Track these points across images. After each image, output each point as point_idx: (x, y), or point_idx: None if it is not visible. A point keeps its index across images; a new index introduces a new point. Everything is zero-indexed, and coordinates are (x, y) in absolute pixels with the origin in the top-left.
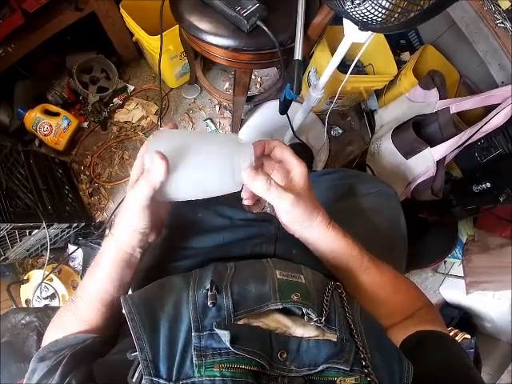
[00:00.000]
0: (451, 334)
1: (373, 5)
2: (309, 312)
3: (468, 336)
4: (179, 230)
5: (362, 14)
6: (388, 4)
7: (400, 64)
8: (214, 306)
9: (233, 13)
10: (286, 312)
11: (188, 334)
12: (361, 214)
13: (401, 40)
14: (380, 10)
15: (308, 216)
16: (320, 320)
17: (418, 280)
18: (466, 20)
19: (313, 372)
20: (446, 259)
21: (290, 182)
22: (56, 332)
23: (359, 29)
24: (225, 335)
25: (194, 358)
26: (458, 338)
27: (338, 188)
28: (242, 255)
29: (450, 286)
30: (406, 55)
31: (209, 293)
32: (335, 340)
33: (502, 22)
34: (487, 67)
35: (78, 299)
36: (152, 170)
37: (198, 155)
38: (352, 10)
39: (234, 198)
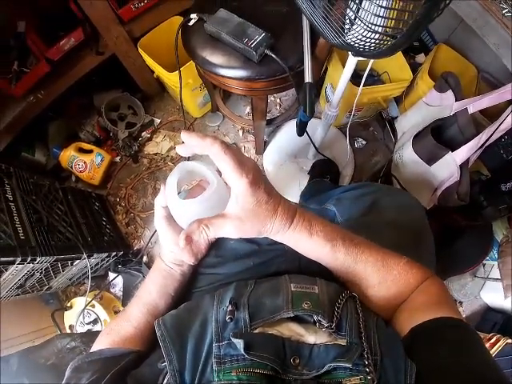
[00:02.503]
0: (493, 340)
1: (364, 27)
2: (319, 319)
3: (511, 341)
4: (213, 257)
5: (355, 40)
6: (379, 27)
7: (416, 67)
8: (231, 320)
9: (241, 45)
10: (299, 321)
11: (210, 346)
12: (384, 227)
13: (413, 42)
14: (371, 31)
15: (258, 232)
16: (331, 326)
17: (457, 286)
18: (473, 15)
19: (320, 372)
20: (484, 262)
21: (231, 204)
22: (104, 337)
23: (352, 55)
24: (239, 343)
25: (214, 365)
26: (501, 344)
27: (361, 203)
28: (268, 274)
29: (491, 290)
30: (420, 57)
31: (228, 309)
32: (344, 344)
33: (508, 12)
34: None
35: (129, 306)
36: (158, 194)
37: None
38: (345, 38)
39: None
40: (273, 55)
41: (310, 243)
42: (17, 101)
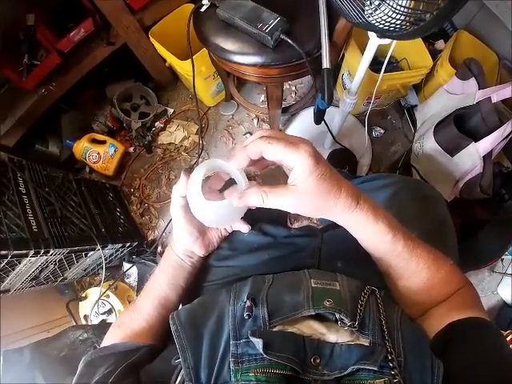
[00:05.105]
0: (509, 337)
1: (390, 7)
2: (342, 317)
3: None
4: (226, 250)
5: (380, 20)
6: (407, 2)
7: (435, 54)
8: (249, 317)
9: (255, 30)
10: (320, 318)
11: (227, 344)
12: (405, 222)
13: None
14: (398, 12)
15: (319, 210)
16: (353, 324)
17: (474, 281)
18: (494, 0)
19: (343, 374)
20: (503, 257)
21: (293, 177)
22: (116, 331)
23: (377, 36)
24: (258, 342)
25: (232, 364)
26: None
27: (381, 195)
28: (286, 269)
29: (509, 286)
30: (440, 43)
31: (246, 305)
32: (367, 344)
33: None
34: None
35: (139, 299)
36: (178, 183)
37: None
38: (369, 17)
39: (277, 217)
40: (289, 40)
41: (374, 228)
42: (28, 94)
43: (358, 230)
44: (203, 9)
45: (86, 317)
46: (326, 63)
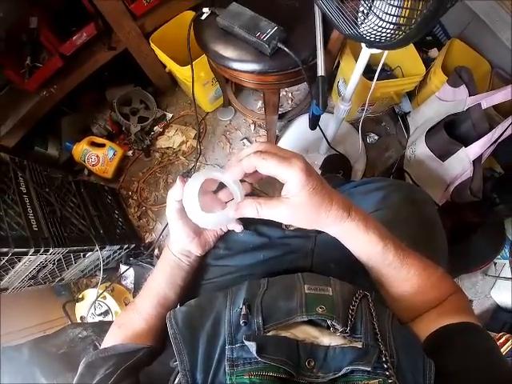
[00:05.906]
0: (502, 339)
1: (375, 22)
2: (333, 323)
3: None
4: (223, 249)
5: (367, 32)
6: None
7: (429, 62)
8: (245, 325)
9: (253, 39)
10: (313, 323)
11: (223, 348)
12: (396, 223)
13: (426, 37)
14: (382, 26)
15: (311, 221)
16: (345, 330)
17: (467, 284)
18: (485, 9)
19: (337, 375)
20: (495, 261)
21: (286, 190)
22: (116, 331)
23: (366, 46)
24: (251, 346)
25: (227, 368)
26: (510, 344)
27: (372, 198)
28: (280, 270)
29: (502, 289)
30: (433, 52)
31: (242, 312)
32: (360, 346)
33: None
34: None
35: (138, 298)
36: (173, 187)
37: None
38: (358, 29)
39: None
40: (285, 49)
41: (365, 239)
42: (30, 95)
43: (349, 241)
44: (203, 17)
45: (82, 318)
46: (320, 71)
